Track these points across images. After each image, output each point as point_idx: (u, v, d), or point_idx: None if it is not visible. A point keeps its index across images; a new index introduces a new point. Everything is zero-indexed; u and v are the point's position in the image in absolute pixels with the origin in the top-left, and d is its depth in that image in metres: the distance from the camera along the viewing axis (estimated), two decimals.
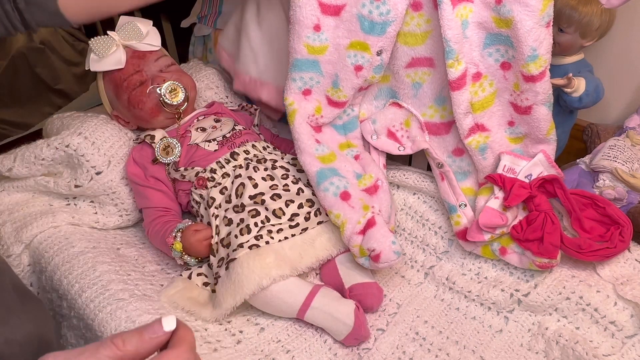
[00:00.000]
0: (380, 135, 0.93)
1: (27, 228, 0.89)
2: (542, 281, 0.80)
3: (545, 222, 0.78)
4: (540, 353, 0.77)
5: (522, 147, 0.86)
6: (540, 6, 0.74)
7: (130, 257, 0.90)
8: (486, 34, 0.80)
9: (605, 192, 0.90)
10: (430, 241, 0.92)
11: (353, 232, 0.82)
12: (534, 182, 0.82)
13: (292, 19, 0.84)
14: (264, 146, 0.97)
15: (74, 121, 0.95)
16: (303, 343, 0.79)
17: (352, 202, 0.85)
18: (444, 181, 0.89)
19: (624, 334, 0.75)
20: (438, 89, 0.88)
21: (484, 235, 0.82)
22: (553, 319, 0.79)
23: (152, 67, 0.96)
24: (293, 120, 0.89)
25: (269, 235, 0.82)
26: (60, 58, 2.37)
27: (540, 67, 0.77)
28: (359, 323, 0.77)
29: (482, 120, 0.85)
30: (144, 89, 0.93)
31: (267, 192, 0.87)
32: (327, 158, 0.89)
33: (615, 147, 0.94)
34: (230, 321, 0.81)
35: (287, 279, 0.78)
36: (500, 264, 0.86)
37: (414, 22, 0.83)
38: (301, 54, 0.86)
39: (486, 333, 0.81)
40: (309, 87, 0.89)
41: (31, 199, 0.95)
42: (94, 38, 0.93)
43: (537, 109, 0.81)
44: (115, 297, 0.78)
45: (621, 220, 0.79)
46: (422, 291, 0.88)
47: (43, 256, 0.87)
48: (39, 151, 0.91)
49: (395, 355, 0.78)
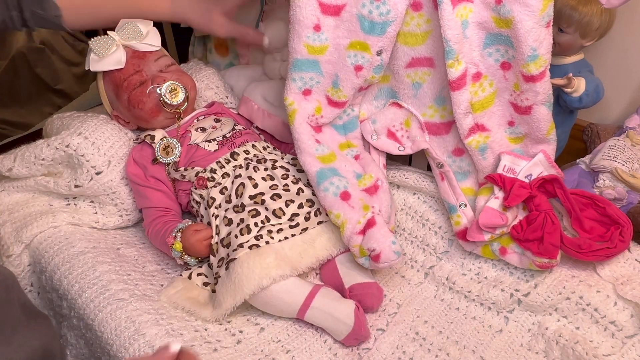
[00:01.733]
0: (380, 135, 0.93)
1: (27, 228, 0.89)
2: (542, 281, 0.80)
3: (545, 222, 0.78)
4: (540, 353, 0.77)
5: (522, 147, 0.86)
6: (540, 6, 0.74)
7: (130, 257, 0.90)
8: (486, 34, 0.80)
9: (605, 192, 0.90)
10: (430, 241, 0.92)
11: (353, 232, 0.82)
12: (534, 182, 0.82)
13: (292, 19, 0.84)
14: (264, 146, 0.97)
15: (74, 121, 0.95)
16: (303, 343, 0.79)
17: (352, 202, 0.85)
18: (444, 181, 0.89)
19: (624, 334, 0.75)
20: (438, 89, 0.88)
21: (484, 235, 0.82)
22: (553, 319, 0.79)
23: (152, 67, 0.96)
24: (293, 120, 0.89)
25: (269, 235, 0.82)
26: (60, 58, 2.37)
27: (540, 67, 0.77)
28: (359, 323, 0.77)
29: (482, 120, 0.85)
30: (144, 89, 0.93)
31: (267, 192, 0.87)
32: (327, 158, 0.89)
33: (615, 147, 0.94)
34: (230, 321, 0.81)
35: (287, 279, 0.78)
36: (500, 264, 0.86)
37: (414, 22, 0.83)
38: (301, 54, 0.86)
39: (486, 333, 0.81)
40: (309, 87, 0.89)
41: (31, 199, 0.95)
42: (94, 38, 0.93)
43: (537, 109, 0.81)
44: (115, 297, 0.78)
45: (621, 220, 0.79)
46: (422, 291, 0.88)
47: (43, 256, 0.87)
48: (39, 151, 0.91)
49: (395, 355, 0.78)
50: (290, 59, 0.87)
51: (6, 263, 0.88)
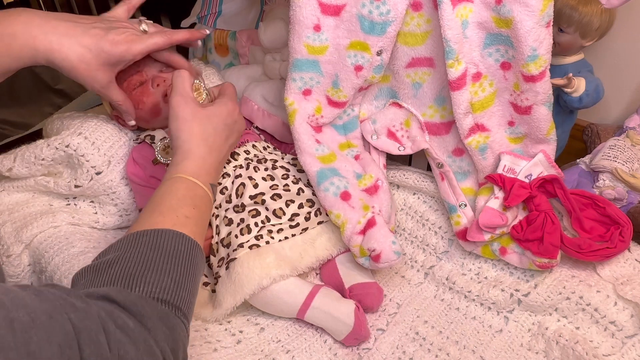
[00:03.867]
0: (380, 135, 0.93)
1: (27, 228, 0.89)
2: (542, 281, 0.80)
3: (545, 222, 0.78)
4: (540, 353, 0.77)
5: (522, 147, 0.86)
6: (540, 6, 0.74)
7: None
8: (486, 34, 0.80)
9: (605, 192, 0.90)
10: (430, 241, 0.92)
11: (353, 232, 0.82)
12: (534, 182, 0.82)
13: (292, 19, 0.84)
14: (264, 146, 0.97)
15: (74, 121, 0.95)
16: (303, 343, 0.79)
17: (352, 202, 0.85)
18: (444, 181, 0.89)
19: (624, 334, 0.75)
20: (438, 89, 0.88)
21: (484, 235, 0.82)
22: (553, 319, 0.79)
23: (152, 67, 0.95)
24: (293, 120, 0.89)
25: (269, 235, 0.82)
26: None
27: (540, 67, 0.77)
28: (359, 323, 0.77)
29: (482, 120, 0.85)
30: (144, 89, 0.93)
31: (268, 192, 0.87)
32: (327, 158, 0.89)
33: (615, 147, 0.94)
34: (230, 321, 0.81)
35: (287, 279, 0.78)
36: (500, 264, 0.86)
37: (414, 22, 0.84)
38: (301, 54, 0.86)
39: (486, 333, 0.81)
40: (309, 87, 0.89)
41: (31, 199, 0.95)
42: None
43: (537, 109, 0.81)
44: None
45: (621, 220, 0.79)
46: (422, 291, 0.88)
47: (43, 256, 0.87)
48: (39, 151, 0.91)
49: (395, 355, 0.78)
50: (290, 59, 0.87)
51: (6, 263, 0.88)
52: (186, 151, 0.74)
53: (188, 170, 0.72)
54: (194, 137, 0.74)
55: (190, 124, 0.75)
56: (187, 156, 0.73)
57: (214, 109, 0.78)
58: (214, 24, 1.31)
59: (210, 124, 0.76)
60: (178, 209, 0.66)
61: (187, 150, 0.74)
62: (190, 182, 0.71)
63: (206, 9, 1.32)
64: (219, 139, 0.77)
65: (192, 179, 0.71)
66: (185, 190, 0.70)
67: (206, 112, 0.77)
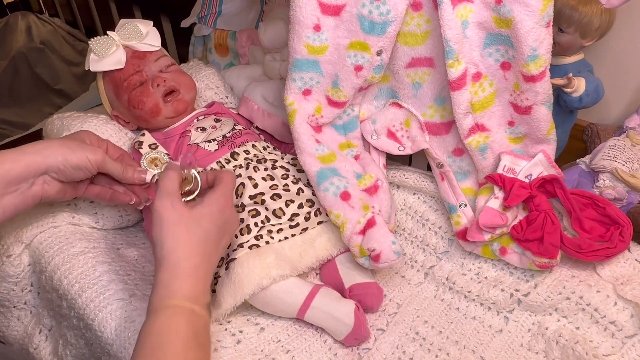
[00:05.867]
0: (380, 135, 0.93)
1: (27, 228, 0.89)
2: (542, 281, 0.80)
3: (545, 222, 0.78)
4: (540, 353, 0.77)
5: (522, 147, 0.86)
6: (540, 6, 0.74)
7: (130, 257, 0.90)
8: (486, 34, 0.80)
9: (605, 192, 0.90)
10: (430, 241, 0.92)
11: (353, 232, 0.82)
12: (534, 182, 0.82)
13: (292, 19, 0.84)
14: (264, 146, 0.97)
15: (74, 121, 0.95)
16: (303, 343, 0.79)
17: (352, 202, 0.85)
18: (444, 181, 0.89)
19: (624, 334, 0.75)
20: (438, 89, 0.88)
21: (484, 235, 0.82)
22: (553, 319, 0.79)
23: (152, 67, 0.96)
24: (293, 120, 0.89)
25: (269, 235, 0.82)
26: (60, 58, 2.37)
27: (540, 67, 0.77)
28: (359, 323, 0.77)
29: (482, 120, 0.85)
30: (144, 89, 0.93)
31: (267, 192, 0.87)
32: (327, 158, 0.89)
33: (615, 147, 0.94)
34: (230, 321, 0.81)
35: (287, 279, 0.78)
36: (500, 264, 0.86)
37: (414, 22, 0.84)
38: (301, 54, 0.86)
39: (486, 333, 0.81)
40: (309, 87, 0.89)
41: None
42: (93, 38, 0.93)
43: (537, 109, 0.81)
44: (115, 297, 0.78)
45: (621, 220, 0.79)
46: (422, 291, 0.88)
47: (43, 256, 0.87)
48: None
49: (395, 355, 0.78)
50: (290, 59, 0.87)
51: (6, 263, 0.88)
52: (174, 264, 0.63)
53: (184, 293, 0.62)
54: (182, 246, 0.64)
55: (176, 229, 0.64)
56: (177, 272, 0.62)
57: (203, 210, 0.67)
58: (214, 24, 1.31)
59: (199, 227, 0.65)
60: (185, 353, 0.58)
61: (175, 263, 0.63)
62: (190, 313, 0.61)
63: (206, 9, 1.32)
64: (210, 245, 0.66)
65: (191, 307, 0.61)
66: (186, 325, 0.60)
67: (194, 214, 0.66)
